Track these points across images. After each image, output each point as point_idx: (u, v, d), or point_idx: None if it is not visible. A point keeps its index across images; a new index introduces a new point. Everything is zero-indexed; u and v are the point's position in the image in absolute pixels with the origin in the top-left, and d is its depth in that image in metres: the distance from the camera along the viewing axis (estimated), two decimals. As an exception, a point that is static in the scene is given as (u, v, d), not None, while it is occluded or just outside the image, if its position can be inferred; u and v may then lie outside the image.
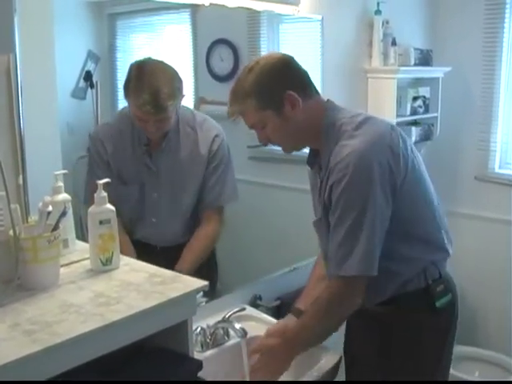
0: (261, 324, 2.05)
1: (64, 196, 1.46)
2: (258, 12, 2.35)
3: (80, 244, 1.53)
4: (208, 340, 1.90)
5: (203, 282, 1.31)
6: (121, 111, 1.99)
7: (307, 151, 1.78)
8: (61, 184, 1.47)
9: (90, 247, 1.40)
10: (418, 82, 3.16)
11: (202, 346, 1.89)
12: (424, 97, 3.14)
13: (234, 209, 2.14)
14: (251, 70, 1.62)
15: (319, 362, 1.82)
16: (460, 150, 3.40)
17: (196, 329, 1.87)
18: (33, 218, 1.43)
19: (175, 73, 1.88)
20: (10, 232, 1.26)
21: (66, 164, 1.61)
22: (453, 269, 1.79)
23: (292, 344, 1.69)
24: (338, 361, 1.84)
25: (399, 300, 1.67)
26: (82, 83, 1.94)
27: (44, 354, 1.02)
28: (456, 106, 3.31)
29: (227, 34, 2.36)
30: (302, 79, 1.67)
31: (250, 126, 1.67)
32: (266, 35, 2.50)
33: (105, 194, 1.39)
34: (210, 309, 2.02)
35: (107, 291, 1.27)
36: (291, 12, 2.41)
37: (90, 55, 1.98)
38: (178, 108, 1.93)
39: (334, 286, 1.63)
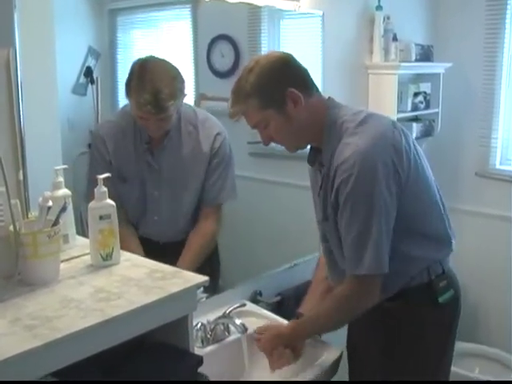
0: (261, 320, 2.05)
1: (64, 191, 1.45)
2: (259, 7, 2.34)
3: (80, 239, 1.53)
4: (208, 336, 1.90)
5: (203, 278, 1.31)
6: (123, 108, 1.98)
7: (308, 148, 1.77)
8: (61, 179, 1.46)
9: (90, 242, 1.40)
10: (419, 78, 3.16)
11: (202, 341, 1.89)
12: (425, 93, 3.13)
13: (235, 205, 2.13)
14: (251, 70, 1.61)
15: (321, 357, 1.82)
16: (461, 146, 3.39)
17: (196, 324, 1.87)
18: (33, 213, 1.43)
19: (177, 72, 1.86)
20: (10, 227, 1.26)
21: (67, 160, 1.60)
22: (453, 265, 1.79)
23: (299, 333, 1.76)
24: (340, 356, 1.84)
25: (402, 295, 1.67)
26: (83, 79, 1.94)
27: (44, 348, 1.02)
28: (457, 101, 3.30)
29: (228, 29, 2.35)
30: (303, 77, 1.66)
31: (252, 125, 1.67)
32: (267, 31, 2.49)
33: (105, 189, 1.38)
34: (210, 304, 2.02)
35: (107, 286, 1.27)
36: (292, 7, 2.41)
37: (91, 51, 1.97)
38: (180, 106, 1.92)
39: (350, 285, 1.64)
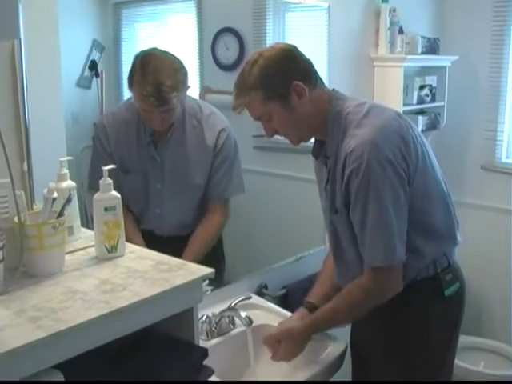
0: (266, 313, 2.05)
1: (69, 183, 1.45)
2: (264, 0, 2.33)
3: (85, 231, 1.53)
4: (213, 328, 1.90)
5: (209, 270, 1.31)
6: (128, 100, 1.97)
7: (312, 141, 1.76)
8: (66, 171, 1.46)
9: (95, 234, 1.39)
10: (425, 71, 3.14)
11: (207, 334, 1.89)
12: (431, 86, 3.12)
13: (240, 199, 2.13)
14: (255, 62, 1.60)
15: (325, 351, 1.82)
16: (466, 140, 3.38)
17: (201, 317, 1.86)
18: (37, 205, 1.42)
19: (180, 64, 1.85)
20: (15, 219, 1.25)
21: (71, 154, 1.58)
22: (457, 259, 1.78)
23: (316, 327, 1.73)
24: (345, 349, 1.84)
25: (408, 288, 1.65)
26: (87, 72, 1.93)
27: (49, 340, 1.02)
28: (463, 95, 3.29)
29: (233, 22, 2.34)
30: (307, 68, 1.65)
31: (255, 118, 1.66)
32: (272, 24, 2.47)
33: (110, 180, 1.38)
34: (215, 297, 2.01)
35: (112, 278, 1.26)
36: (297, 0, 2.40)
37: (95, 44, 1.97)
38: (183, 99, 1.90)
39: (373, 277, 1.61)
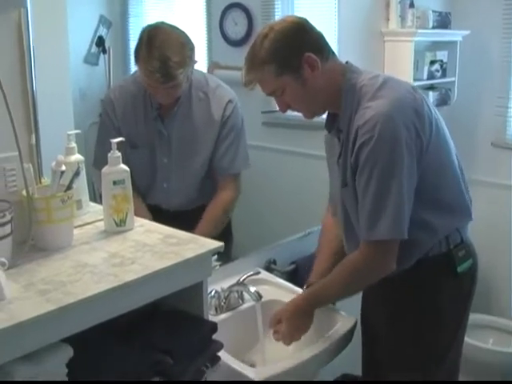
0: (275, 288, 2.05)
1: (77, 156, 1.44)
2: (273, -27, 2.30)
3: (93, 205, 1.53)
4: (222, 303, 1.90)
5: (219, 243, 1.30)
6: (134, 73, 1.96)
7: (324, 116, 1.74)
8: (74, 145, 1.45)
9: (103, 208, 1.38)
10: (436, 46, 3.09)
11: (216, 309, 1.89)
12: (441, 61, 3.07)
13: (248, 175, 2.12)
14: (266, 36, 1.58)
15: (335, 326, 1.81)
16: (477, 116, 3.34)
17: (210, 292, 1.86)
18: (45, 179, 1.42)
19: (187, 39, 1.83)
20: (23, 192, 1.24)
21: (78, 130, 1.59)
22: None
23: (313, 302, 1.73)
24: (354, 325, 1.83)
25: (420, 265, 1.64)
26: (95, 48, 1.92)
27: (58, 313, 1.02)
28: (474, 70, 3.24)
29: (241, -3, 2.33)
30: (319, 41, 1.62)
31: (268, 93, 1.64)
32: (281, -2, 2.45)
33: (119, 154, 1.37)
34: (224, 272, 2.01)
35: (121, 252, 1.26)
36: (307, -28, 2.37)
37: (102, 20, 1.96)
38: (190, 74, 1.88)
39: (365, 251, 1.60)
